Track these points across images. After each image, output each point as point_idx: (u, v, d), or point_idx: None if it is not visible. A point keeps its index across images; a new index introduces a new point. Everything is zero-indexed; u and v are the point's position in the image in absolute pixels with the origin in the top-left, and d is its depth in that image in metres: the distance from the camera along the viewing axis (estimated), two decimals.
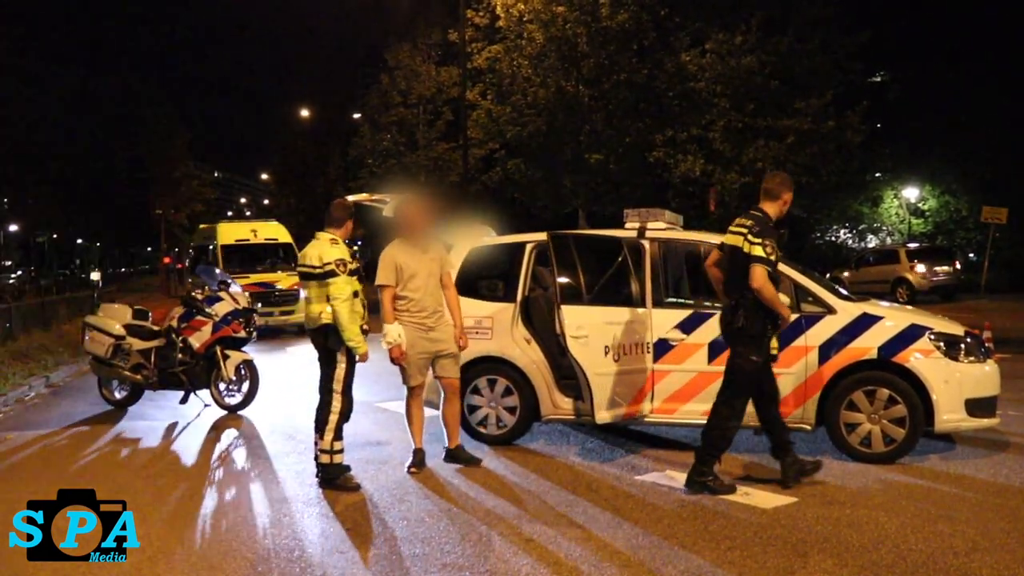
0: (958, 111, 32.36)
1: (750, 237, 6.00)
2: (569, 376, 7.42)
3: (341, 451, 6.54)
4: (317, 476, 6.63)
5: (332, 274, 6.35)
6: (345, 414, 6.56)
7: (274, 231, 22.06)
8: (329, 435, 6.46)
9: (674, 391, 7.34)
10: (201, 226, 28.78)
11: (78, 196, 61.62)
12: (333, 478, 6.49)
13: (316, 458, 6.61)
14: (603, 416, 6.98)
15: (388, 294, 6.79)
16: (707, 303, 7.65)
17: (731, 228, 6.26)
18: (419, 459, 7.02)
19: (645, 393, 7.33)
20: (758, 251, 5.93)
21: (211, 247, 21.52)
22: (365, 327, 6.60)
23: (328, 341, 6.48)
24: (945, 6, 32.42)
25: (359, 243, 44.21)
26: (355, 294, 6.47)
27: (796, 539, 5.15)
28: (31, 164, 50.05)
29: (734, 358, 6.17)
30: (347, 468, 6.64)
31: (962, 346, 6.97)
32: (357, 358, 6.52)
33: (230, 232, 22.33)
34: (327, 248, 6.46)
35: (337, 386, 6.51)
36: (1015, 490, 6.09)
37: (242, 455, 7.68)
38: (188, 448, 8.03)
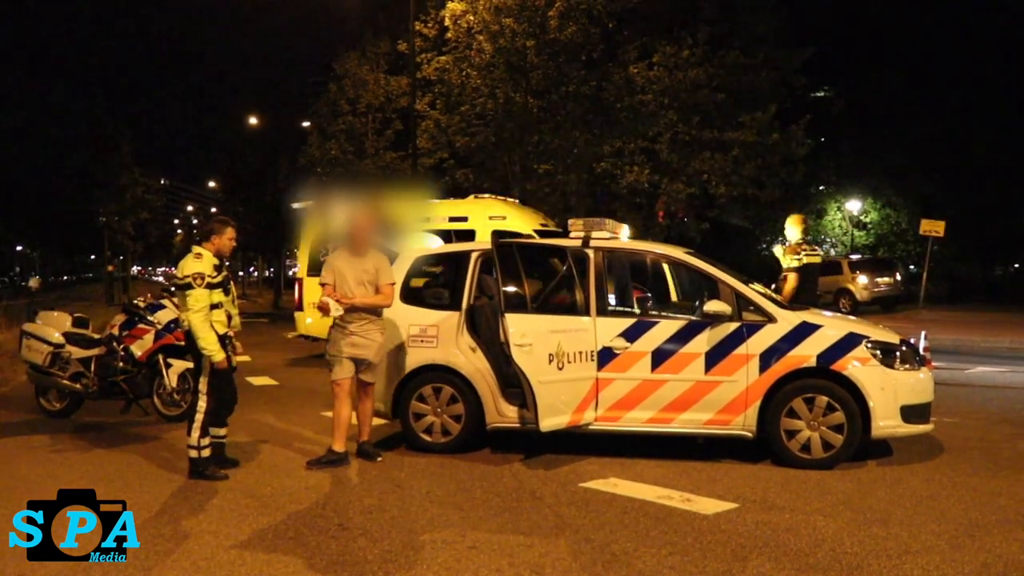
0: (898, 126, 33.20)
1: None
2: (514, 384, 7.45)
3: (208, 446, 7.10)
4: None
5: (188, 287, 6.91)
6: (212, 413, 7.11)
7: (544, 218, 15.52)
8: (196, 432, 7.02)
9: (618, 399, 7.39)
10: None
11: (19, 202, 60.21)
12: (202, 470, 7.00)
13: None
14: (547, 424, 7.01)
15: (325, 292, 7.27)
16: (652, 311, 7.74)
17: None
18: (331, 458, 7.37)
19: (589, 401, 7.38)
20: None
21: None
22: (230, 333, 7.29)
23: (197, 346, 6.99)
24: (886, 25, 33.25)
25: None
26: (218, 305, 7.06)
27: (736, 544, 5.22)
28: None
29: None
30: (214, 461, 7.15)
31: (898, 354, 7.14)
32: (215, 364, 6.97)
33: (520, 218, 14.85)
34: (190, 261, 7.00)
35: (203, 387, 7.09)
36: (946, 494, 6.24)
37: (173, 460, 7.57)
38: (124, 458, 7.88)
